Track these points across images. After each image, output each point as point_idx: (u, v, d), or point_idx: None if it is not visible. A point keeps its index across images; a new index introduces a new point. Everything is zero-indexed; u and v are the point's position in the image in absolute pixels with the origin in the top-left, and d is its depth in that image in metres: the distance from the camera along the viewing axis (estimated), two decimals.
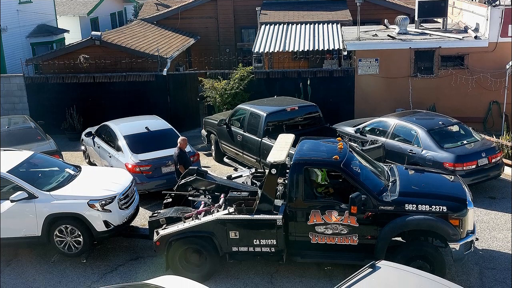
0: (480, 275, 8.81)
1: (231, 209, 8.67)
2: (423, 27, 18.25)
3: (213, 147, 15.14)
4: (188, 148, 12.04)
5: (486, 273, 8.89)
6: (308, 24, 20.36)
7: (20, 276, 9.35)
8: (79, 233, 9.52)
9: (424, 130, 12.15)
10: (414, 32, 17.62)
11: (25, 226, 9.52)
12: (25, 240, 9.68)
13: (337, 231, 8.51)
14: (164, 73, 17.49)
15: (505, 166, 12.55)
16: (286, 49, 18.00)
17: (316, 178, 8.89)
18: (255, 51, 18.29)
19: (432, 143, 11.89)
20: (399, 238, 8.66)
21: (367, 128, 13.40)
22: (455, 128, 12.64)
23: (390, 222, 8.22)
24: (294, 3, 23.46)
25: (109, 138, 13.30)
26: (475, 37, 16.14)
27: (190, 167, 10.40)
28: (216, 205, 9.05)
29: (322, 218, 8.43)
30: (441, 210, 8.19)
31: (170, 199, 9.96)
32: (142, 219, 11.08)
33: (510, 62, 15.79)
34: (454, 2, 19.63)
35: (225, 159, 14.59)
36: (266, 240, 8.60)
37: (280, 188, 8.92)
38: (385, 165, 9.75)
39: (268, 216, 8.45)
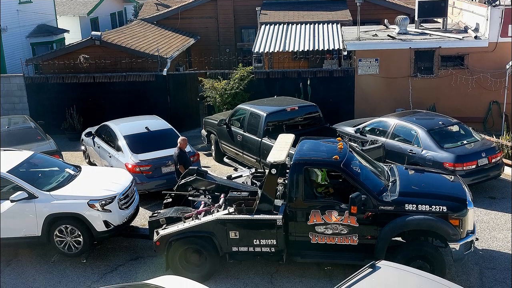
0: (480, 275, 8.81)
1: (231, 209, 8.67)
2: (423, 27, 18.25)
3: (213, 147, 15.14)
4: (188, 148, 12.04)
5: (486, 273, 8.89)
6: (308, 24, 20.37)
7: (20, 276, 9.35)
8: (79, 233, 9.52)
9: (424, 130, 12.15)
10: (414, 32, 17.62)
11: (25, 226, 9.52)
12: (25, 240, 9.68)
13: (337, 231, 8.51)
14: (164, 73, 17.49)
15: (505, 166, 12.55)
16: (286, 49, 18.00)
17: (316, 178, 8.89)
18: (255, 51, 18.29)
19: (432, 143, 11.89)
20: (399, 238, 8.66)
21: (367, 128, 13.40)
22: (455, 128, 12.64)
23: (390, 222, 8.22)
24: (294, 3, 23.47)
25: (109, 138, 13.30)
26: (475, 37, 16.14)
27: (190, 167, 10.40)
28: (216, 205, 9.05)
29: (322, 218, 8.43)
30: (441, 210, 8.19)
31: (170, 199, 9.96)
32: (142, 219, 11.09)
33: (510, 62, 15.79)
34: (454, 2, 19.63)
35: (225, 159, 14.59)
36: (266, 240, 8.59)
37: (280, 188, 8.92)
38: (385, 165, 9.75)
39: (268, 216, 8.45)
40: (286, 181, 8.77)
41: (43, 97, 17.81)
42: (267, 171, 8.82)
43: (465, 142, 12.19)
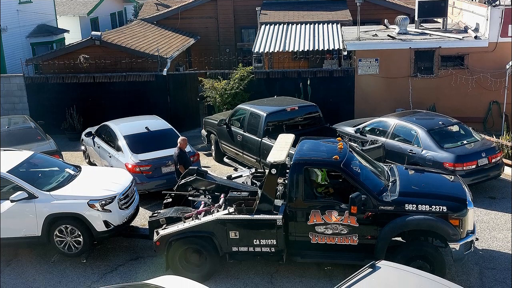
0: (480, 275, 8.82)
1: (231, 209, 8.67)
2: (423, 27, 18.25)
3: (213, 147, 15.15)
4: (188, 148, 12.05)
5: (486, 273, 8.90)
6: (308, 24, 20.37)
7: (20, 276, 9.36)
8: (79, 233, 9.52)
9: (424, 130, 12.15)
10: (414, 32, 17.62)
11: (25, 226, 9.52)
12: (25, 240, 9.68)
13: (337, 231, 8.50)
14: (164, 73, 17.50)
15: (505, 166, 12.55)
16: (286, 49, 18.00)
17: (316, 178, 8.89)
18: (255, 51, 18.29)
19: (432, 143, 11.89)
20: (399, 238, 8.66)
21: (367, 128, 13.40)
22: (455, 128, 12.65)
23: (390, 222, 8.23)
24: (294, 3, 23.47)
25: (109, 138, 13.31)
26: (475, 37, 16.14)
27: (190, 167, 10.40)
28: (216, 205, 9.05)
29: (322, 218, 8.43)
30: (441, 210, 8.19)
31: (170, 199, 9.96)
32: (142, 219, 11.09)
33: (510, 62, 15.79)
34: (454, 2, 19.63)
35: (225, 159, 14.59)
36: (266, 240, 8.59)
37: (280, 188, 8.92)
38: (385, 165, 9.76)
39: (268, 216, 8.45)
40: (286, 181, 8.77)
41: (43, 97, 17.81)
42: (267, 171, 8.82)
43: (465, 142, 12.20)
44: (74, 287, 8.96)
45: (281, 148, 8.97)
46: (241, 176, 10.45)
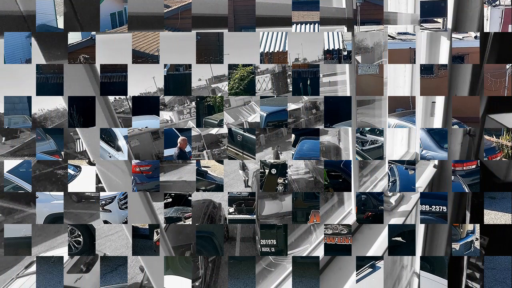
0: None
1: (231, 209, 8.67)
2: (423, 27, 18.27)
3: None
4: (188, 148, 12.05)
5: (486, 273, 8.89)
6: (308, 24, 20.40)
7: None
8: (79, 233, 9.52)
9: (424, 130, 12.14)
10: (414, 32, 17.64)
11: (25, 226, 9.52)
12: (25, 240, 9.68)
13: (337, 231, 8.51)
14: (164, 73, 17.50)
15: None
16: (286, 49, 18.01)
17: None
18: None
19: (432, 143, 11.89)
20: (399, 238, 8.66)
21: (367, 128, 13.39)
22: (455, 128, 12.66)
23: None
24: (294, 3, 23.49)
25: (109, 138, 13.32)
26: (475, 37, 16.15)
27: None
28: None
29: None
30: (441, 210, 8.19)
31: (170, 199, 9.96)
32: None
33: None
34: None
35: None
36: (266, 240, 8.60)
37: (280, 188, 8.93)
38: None
39: None
40: (286, 181, 8.77)
41: None
42: (267, 171, 8.82)
43: None
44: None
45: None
46: None
